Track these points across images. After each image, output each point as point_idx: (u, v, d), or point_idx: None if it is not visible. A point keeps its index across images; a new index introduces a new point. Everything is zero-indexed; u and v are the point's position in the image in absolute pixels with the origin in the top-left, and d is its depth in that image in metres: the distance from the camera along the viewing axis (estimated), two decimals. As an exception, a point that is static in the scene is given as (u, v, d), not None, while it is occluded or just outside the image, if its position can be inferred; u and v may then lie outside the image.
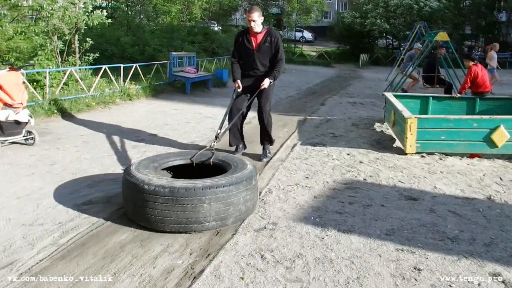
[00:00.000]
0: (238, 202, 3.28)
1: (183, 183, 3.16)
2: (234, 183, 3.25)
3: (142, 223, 3.29)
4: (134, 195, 3.26)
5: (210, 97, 11.47)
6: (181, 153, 4.18)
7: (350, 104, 10.27)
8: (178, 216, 3.12)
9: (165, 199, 3.09)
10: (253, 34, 4.87)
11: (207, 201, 3.12)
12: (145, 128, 6.97)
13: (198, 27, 28.47)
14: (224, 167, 3.73)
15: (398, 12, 27.19)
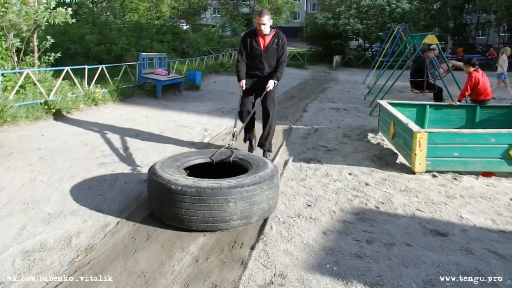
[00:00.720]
0: (261, 201, 3.34)
1: (209, 183, 3.21)
2: (258, 182, 3.31)
3: (169, 222, 3.35)
4: (161, 195, 3.31)
5: (183, 101, 10.62)
6: (201, 152, 4.24)
7: (334, 110, 9.66)
8: (204, 215, 3.18)
9: (191, 198, 3.15)
10: (262, 35, 4.98)
11: (233, 200, 3.19)
12: (113, 139, 6.10)
13: (167, 26, 27.39)
14: (244, 165, 3.82)
15: (370, 13, 26.99)
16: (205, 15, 42.38)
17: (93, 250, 3.00)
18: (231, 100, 11.08)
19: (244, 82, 5.09)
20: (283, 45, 5.04)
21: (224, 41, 28.39)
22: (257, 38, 5.01)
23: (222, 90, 13.36)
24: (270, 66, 5.05)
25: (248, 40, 5.06)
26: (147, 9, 33.11)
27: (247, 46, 5.06)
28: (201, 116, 8.36)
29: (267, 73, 5.06)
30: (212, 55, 20.70)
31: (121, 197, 3.95)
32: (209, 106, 9.74)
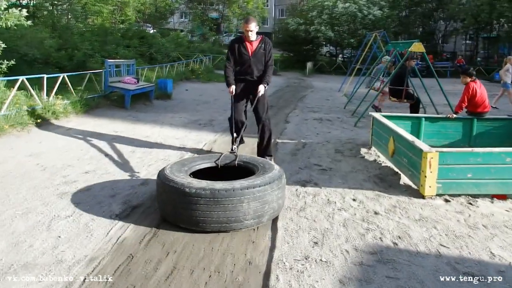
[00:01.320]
0: (272, 200, 3.48)
1: (223, 184, 3.33)
2: (268, 182, 3.46)
3: (183, 224, 3.43)
4: (174, 199, 3.38)
5: (155, 112, 9.90)
6: (206, 157, 4.32)
7: (317, 121, 9.17)
8: (219, 216, 3.29)
9: (206, 200, 3.25)
10: (249, 41, 5.16)
11: (246, 200, 3.31)
12: (76, 161, 5.36)
13: (134, 30, 26.42)
14: (249, 168, 3.96)
15: (342, 19, 26.91)
16: (172, 19, 41.44)
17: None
18: (207, 111, 10.44)
19: (234, 87, 5.21)
20: (269, 50, 5.28)
21: (194, 46, 27.65)
22: (245, 44, 5.18)
23: (195, 99, 12.69)
24: (258, 70, 5.24)
25: (236, 46, 5.20)
26: (111, 13, 32.02)
27: (235, 52, 5.20)
28: (176, 130, 7.68)
29: (257, 77, 5.23)
30: (183, 61, 19.95)
31: (87, 241, 3.26)
32: (184, 118, 9.06)
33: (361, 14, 26.26)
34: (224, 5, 35.49)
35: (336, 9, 26.87)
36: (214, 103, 11.95)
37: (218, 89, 15.53)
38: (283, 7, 56.97)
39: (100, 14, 30.43)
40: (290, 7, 36.93)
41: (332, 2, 27.44)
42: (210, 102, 12.14)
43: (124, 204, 4.00)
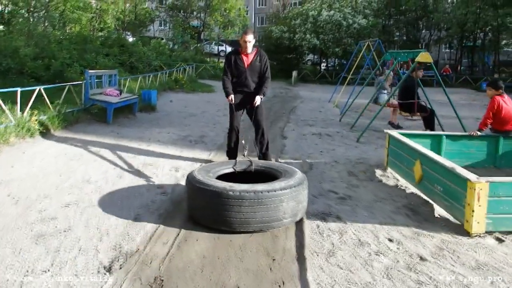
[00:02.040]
0: (303, 199, 3.79)
1: (263, 186, 3.54)
2: (299, 183, 3.72)
3: (225, 227, 3.53)
4: (215, 202, 3.48)
5: (140, 127, 9.13)
6: (224, 163, 4.53)
7: (316, 137, 8.55)
8: (262, 216, 3.47)
9: (250, 202, 3.42)
10: (245, 54, 5.32)
11: (285, 200, 3.53)
12: (55, 190, 4.58)
13: (113, 38, 25.49)
14: (267, 172, 4.22)
15: (326, 28, 26.57)
16: (152, 27, 40.54)
17: None
18: (195, 124, 9.72)
19: (232, 96, 5.36)
20: (265, 62, 5.45)
21: (176, 55, 26.86)
22: (241, 56, 5.36)
23: (181, 111, 11.94)
24: (254, 82, 5.40)
25: (232, 59, 5.39)
26: (89, 20, 31.02)
27: (231, 65, 5.38)
28: (166, 148, 6.94)
29: (253, 88, 5.40)
30: (165, 70, 19.16)
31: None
32: (172, 133, 8.31)
33: (346, 23, 25.97)
34: (206, 13, 34.81)
35: (320, 17, 26.52)
36: (202, 116, 11.23)
37: (204, 100, 14.82)
38: (263, 15, 56.76)
39: (79, 21, 29.50)
40: (273, 15, 36.60)
41: (316, 11, 27.11)
42: (197, 115, 11.41)
43: (115, 250, 3.27)
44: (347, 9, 26.71)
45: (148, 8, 36.71)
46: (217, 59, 33.70)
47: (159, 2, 37.87)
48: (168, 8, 36.95)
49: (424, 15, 29.63)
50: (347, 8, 26.84)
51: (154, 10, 36.61)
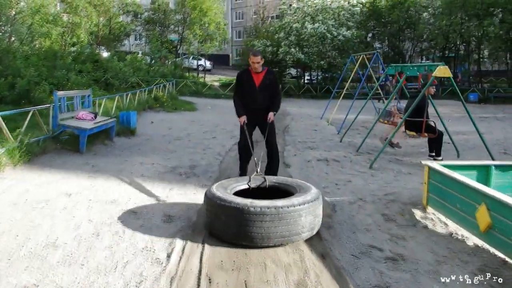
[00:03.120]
0: (320, 214, 3.98)
1: (283, 202, 3.70)
2: (315, 198, 3.89)
3: (246, 242, 3.66)
4: (237, 218, 3.62)
5: (118, 155, 7.95)
6: (239, 179, 4.64)
7: (323, 164, 7.53)
8: (282, 230, 3.61)
9: (271, 217, 3.57)
10: (255, 73, 5.58)
11: (304, 214, 3.69)
12: (6, 262, 3.36)
13: (87, 53, 24.14)
14: (281, 188, 4.38)
15: (311, 41, 25.82)
16: (128, 41, 39.20)
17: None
18: (182, 151, 8.59)
19: (245, 117, 5.55)
20: (275, 80, 5.77)
21: (154, 70, 25.62)
22: (251, 75, 5.58)
23: (164, 134, 10.78)
24: (265, 100, 5.59)
25: (243, 78, 5.64)
26: (60, 34, 29.56)
27: (242, 84, 5.64)
28: (152, 186, 5.76)
29: (263, 106, 5.58)
30: (144, 88, 17.92)
31: None
32: (157, 164, 7.15)
33: (330, 35, 25.28)
34: (184, 27, 33.72)
35: (304, 30, 25.77)
36: (188, 139, 10.09)
37: (187, 120, 13.68)
38: (241, 29, 56.21)
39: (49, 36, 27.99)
40: (253, 28, 35.80)
41: (300, 23, 26.38)
42: (183, 138, 10.27)
43: None
44: (331, 21, 26.04)
45: (123, 21, 35.38)
46: (197, 74, 32.58)
47: (134, 16, 36.56)
48: (144, 22, 35.75)
49: (407, 26, 29.29)
50: (330, 20, 26.18)
51: (129, 23, 35.30)
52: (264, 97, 5.57)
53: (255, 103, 5.57)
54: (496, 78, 29.91)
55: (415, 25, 28.54)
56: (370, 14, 29.06)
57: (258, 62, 5.47)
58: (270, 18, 44.47)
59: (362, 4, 28.17)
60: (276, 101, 5.69)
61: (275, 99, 5.67)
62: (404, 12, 27.98)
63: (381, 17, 28.98)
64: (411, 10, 28.35)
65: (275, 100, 5.67)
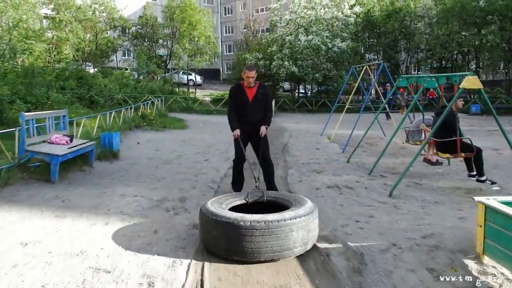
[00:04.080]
0: (314, 228, 3.92)
1: (274, 216, 3.71)
2: (309, 212, 3.88)
3: (237, 257, 3.68)
4: (228, 232, 3.65)
5: (96, 184, 6.91)
6: (236, 195, 4.72)
7: (335, 192, 6.52)
8: (273, 245, 3.61)
9: (261, 231, 3.58)
10: (248, 87, 5.69)
11: (295, 229, 3.67)
12: None
13: (71, 70, 23.07)
14: (278, 203, 4.40)
15: (305, 53, 24.98)
16: (115, 57, 38.17)
17: None
18: (171, 178, 7.55)
19: (238, 131, 5.64)
20: (267, 94, 5.89)
21: (142, 86, 24.56)
22: (244, 90, 5.72)
23: (152, 156, 9.71)
24: (258, 113, 5.74)
25: (236, 93, 5.81)
26: (45, 51, 28.48)
27: (236, 99, 5.79)
28: (132, 228, 4.69)
29: (256, 119, 5.72)
30: (131, 105, 16.87)
31: None
32: (141, 197, 6.09)
33: (325, 47, 24.46)
34: (173, 41, 32.78)
35: (298, 42, 24.94)
36: (178, 163, 9.05)
37: (178, 140, 12.62)
38: (231, 43, 55.63)
39: (31, 52, 26.90)
40: (244, 41, 35.02)
41: (293, 36, 25.57)
42: (172, 162, 9.22)
43: None
44: (325, 33, 25.27)
45: (109, 37, 34.36)
46: (187, 89, 31.58)
47: (122, 32, 35.56)
48: (131, 37, 34.76)
49: (403, 37, 28.64)
50: (324, 31, 25.40)
51: (116, 38, 34.29)
52: (257, 111, 5.71)
53: (248, 116, 5.70)
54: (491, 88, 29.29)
55: (411, 35, 27.88)
56: (364, 25, 28.39)
57: (253, 76, 5.59)
58: (261, 31, 43.89)
59: (356, 15, 27.49)
60: (268, 115, 5.78)
61: (266, 114, 5.77)
62: (400, 22, 27.32)
63: (376, 27, 28.32)
64: (406, 19, 27.72)
65: (266, 114, 5.76)
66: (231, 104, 5.85)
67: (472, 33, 24.02)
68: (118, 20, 33.43)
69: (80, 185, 6.94)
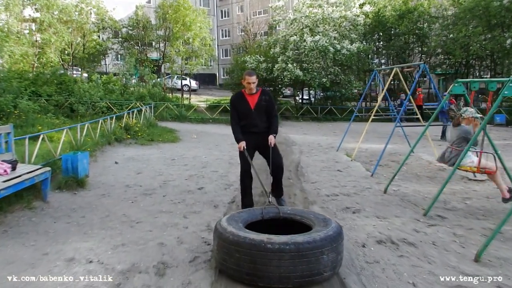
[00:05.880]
0: (342, 250, 3.68)
1: (304, 237, 3.42)
2: (338, 233, 3.62)
3: (263, 283, 3.36)
4: (254, 256, 3.34)
5: (41, 235, 4.91)
6: (250, 211, 4.42)
7: (390, 252, 4.46)
8: (303, 270, 3.31)
9: (291, 255, 3.28)
10: (250, 95, 5.46)
11: (326, 252, 3.41)
12: None
13: (53, 75, 20.97)
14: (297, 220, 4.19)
15: (310, 55, 22.94)
16: (105, 61, 36.05)
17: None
18: (150, 220, 5.50)
19: (244, 143, 5.35)
20: (271, 101, 5.57)
21: (129, 92, 22.41)
22: (246, 98, 5.46)
23: (130, 183, 7.64)
24: (263, 122, 5.48)
25: (238, 102, 5.53)
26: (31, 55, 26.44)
27: (237, 108, 5.52)
28: None
29: (263, 127, 5.47)
30: (115, 114, 14.75)
31: None
32: (99, 262, 4.03)
33: (333, 49, 22.44)
34: (166, 43, 30.72)
35: (303, 43, 22.89)
36: (163, 194, 6.97)
37: (166, 158, 10.52)
38: (227, 47, 53.79)
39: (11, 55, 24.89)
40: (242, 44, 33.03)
41: (298, 36, 23.54)
42: (156, 192, 7.14)
43: None
44: (333, 33, 23.28)
45: (97, 39, 32.29)
46: (181, 95, 29.48)
47: (113, 34, 33.45)
48: (122, 39, 32.68)
49: (417, 39, 26.68)
50: (332, 32, 23.42)
51: (105, 41, 32.22)
52: (261, 119, 5.50)
53: (253, 126, 5.49)
54: (509, 97, 27.38)
55: (426, 38, 25.95)
56: (374, 25, 26.41)
57: (254, 82, 5.40)
58: (259, 35, 42.05)
59: (365, 15, 25.55)
60: (274, 123, 5.54)
61: (272, 121, 5.53)
62: (413, 24, 25.36)
63: (387, 28, 26.34)
64: (420, 21, 25.77)
65: (272, 121, 5.53)
66: (233, 115, 5.61)
67: (496, 35, 22.07)
68: (107, 21, 31.43)
69: (20, 235, 4.88)
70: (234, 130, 5.49)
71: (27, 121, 12.18)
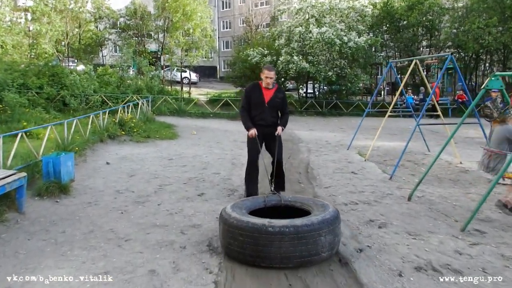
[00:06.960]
0: (339, 232, 3.95)
1: (302, 220, 3.69)
2: (335, 216, 3.89)
3: (265, 263, 3.64)
4: (257, 239, 3.60)
5: (12, 256, 4.08)
6: (253, 199, 4.70)
7: (434, 281, 3.64)
8: (302, 251, 3.58)
9: (290, 237, 3.55)
10: (265, 89, 5.60)
11: (323, 234, 3.67)
12: None
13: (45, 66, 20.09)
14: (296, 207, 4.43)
15: (316, 48, 22.02)
16: (102, 52, 35.12)
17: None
18: (142, 237, 4.70)
19: (255, 130, 5.53)
20: (284, 99, 5.82)
21: (126, 85, 21.50)
22: (262, 90, 5.59)
23: (120, 188, 6.83)
24: (273, 117, 5.70)
25: (253, 92, 5.65)
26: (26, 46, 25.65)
27: (251, 99, 5.64)
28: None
29: (271, 122, 5.65)
30: (110, 108, 13.89)
31: None
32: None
33: (340, 42, 21.51)
34: (165, 34, 29.77)
35: (309, 34, 21.96)
36: (158, 202, 6.16)
37: (163, 157, 9.69)
38: (228, 39, 52.80)
39: (3, 45, 24.13)
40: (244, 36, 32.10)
41: (304, 27, 22.60)
42: (149, 199, 6.32)
43: None
44: (340, 25, 22.35)
45: (94, 29, 31.35)
46: (180, 88, 28.58)
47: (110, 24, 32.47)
48: (120, 30, 31.71)
49: (426, 31, 25.72)
50: (339, 23, 22.49)
51: (102, 31, 31.29)
52: (272, 114, 5.64)
53: (263, 119, 5.61)
54: (508, 92, 26.44)
55: (436, 30, 25.00)
56: (383, 17, 25.43)
57: (272, 77, 5.56)
58: (261, 26, 41.13)
59: (373, 6, 24.60)
60: (284, 118, 5.77)
61: (283, 116, 5.77)
62: (423, 15, 24.39)
63: (395, 20, 25.35)
64: (430, 12, 24.79)
65: (283, 116, 5.77)
66: (244, 104, 5.70)
67: (511, 27, 21.12)
68: (104, 11, 30.50)
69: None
70: (244, 118, 5.63)
71: (13, 116, 11.35)
